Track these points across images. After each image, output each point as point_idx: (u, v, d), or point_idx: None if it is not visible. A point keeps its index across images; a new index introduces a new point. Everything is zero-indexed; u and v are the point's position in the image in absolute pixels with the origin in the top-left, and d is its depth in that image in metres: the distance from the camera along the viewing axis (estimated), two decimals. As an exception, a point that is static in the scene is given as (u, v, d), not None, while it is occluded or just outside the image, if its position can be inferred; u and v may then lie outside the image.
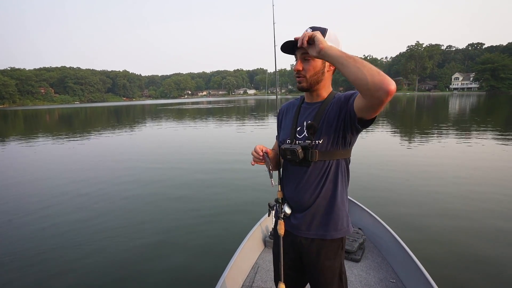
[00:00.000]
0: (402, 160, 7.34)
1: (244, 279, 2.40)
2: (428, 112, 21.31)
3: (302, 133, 1.26)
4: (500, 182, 5.31)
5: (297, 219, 1.28)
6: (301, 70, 1.18)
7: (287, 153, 1.22)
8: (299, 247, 1.31)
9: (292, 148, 1.20)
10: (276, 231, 1.30)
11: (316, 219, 1.26)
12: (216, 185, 5.74)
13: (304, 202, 1.26)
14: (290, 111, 1.37)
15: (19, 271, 3.06)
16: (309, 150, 1.19)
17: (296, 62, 1.19)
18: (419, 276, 2.05)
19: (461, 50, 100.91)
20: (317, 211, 1.25)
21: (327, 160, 1.22)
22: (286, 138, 1.31)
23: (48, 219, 4.34)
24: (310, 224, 1.26)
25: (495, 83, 68.17)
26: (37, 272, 3.03)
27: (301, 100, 1.35)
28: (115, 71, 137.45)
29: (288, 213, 1.29)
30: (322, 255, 1.26)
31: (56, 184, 6.16)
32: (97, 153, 9.73)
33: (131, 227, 4.04)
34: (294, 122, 1.30)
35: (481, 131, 11.39)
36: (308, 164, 1.22)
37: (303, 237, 1.28)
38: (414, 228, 3.66)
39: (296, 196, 1.27)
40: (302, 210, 1.27)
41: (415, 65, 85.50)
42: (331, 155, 1.21)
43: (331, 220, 1.25)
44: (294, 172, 1.27)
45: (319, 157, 1.20)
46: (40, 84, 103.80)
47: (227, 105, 43.99)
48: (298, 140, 1.26)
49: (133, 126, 18.78)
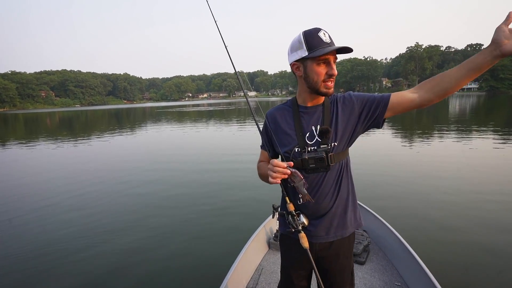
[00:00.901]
0: (406, 160, 7.32)
1: (248, 281, 2.39)
2: (429, 113, 21.30)
3: (313, 139, 1.21)
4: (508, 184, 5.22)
5: (315, 226, 1.24)
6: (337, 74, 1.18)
7: (310, 162, 1.18)
8: (317, 253, 1.27)
9: (318, 157, 1.17)
10: (293, 248, 1.27)
11: (335, 221, 1.25)
12: (219, 187, 5.73)
13: (323, 208, 1.23)
14: (284, 118, 1.28)
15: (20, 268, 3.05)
16: (328, 155, 1.18)
17: (331, 66, 1.15)
18: (425, 280, 2.02)
19: (460, 51, 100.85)
20: (335, 213, 1.24)
21: (341, 161, 1.23)
22: (293, 147, 1.23)
23: (47, 219, 4.34)
24: (329, 228, 1.25)
25: (494, 83, 68.22)
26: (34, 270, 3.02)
27: (293, 104, 1.28)
28: (116, 74, 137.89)
29: (306, 224, 1.24)
30: (341, 255, 1.28)
31: (57, 185, 6.15)
32: (100, 154, 9.73)
33: (134, 228, 4.05)
34: (298, 129, 1.23)
35: (482, 132, 11.36)
36: (327, 169, 1.20)
37: (322, 243, 1.26)
38: (420, 230, 3.61)
39: (315, 203, 1.22)
40: (320, 216, 1.24)
41: (415, 66, 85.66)
42: (343, 155, 1.23)
43: (348, 219, 1.26)
44: (310, 180, 1.21)
45: (336, 159, 1.20)
46: (40, 87, 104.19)
47: (228, 107, 43.98)
48: (310, 146, 1.20)
49: (134, 128, 18.81)
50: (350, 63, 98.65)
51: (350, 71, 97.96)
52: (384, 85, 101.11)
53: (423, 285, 2.05)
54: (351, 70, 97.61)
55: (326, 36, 1.12)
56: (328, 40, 1.12)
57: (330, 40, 1.12)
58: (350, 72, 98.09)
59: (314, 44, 1.11)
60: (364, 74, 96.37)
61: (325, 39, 1.11)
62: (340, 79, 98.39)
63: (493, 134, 10.61)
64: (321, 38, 1.11)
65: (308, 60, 1.14)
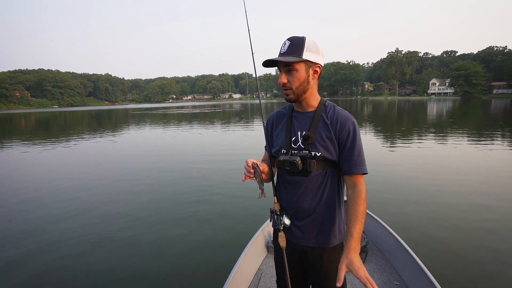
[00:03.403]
0: (401, 161, 7.45)
1: (248, 285, 2.38)
2: (417, 115, 22.11)
3: (297, 143, 1.24)
4: (507, 185, 5.35)
5: (297, 227, 1.28)
6: (286, 82, 1.18)
7: (285, 165, 1.22)
8: (301, 254, 1.31)
9: (291, 160, 1.20)
10: (278, 244, 1.29)
11: (316, 227, 1.26)
12: (217, 190, 5.64)
13: (303, 210, 1.25)
14: (280, 121, 1.35)
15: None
16: (307, 160, 1.19)
17: (280, 75, 1.18)
18: (423, 279, 2.05)
19: (437, 57, 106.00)
20: (316, 219, 1.25)
21: (325, 170, 1.22)
22: (280, 148, 1.28)
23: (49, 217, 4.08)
24: (310, 233, 1.26)
25: (468, 88, 72.05)
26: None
27: (290, 109, 1.33)
28: (97, 74, 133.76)
29: (288, 224, 1.28)
30: (325, 259, 1.28)
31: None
32: (84, 157, 9.32)
33: (133, 232, 3.95)
34: (288, 132, 1.28)
35: (469, 134, 11.90)
36: (306, 174, 1.22)
37: (303, 246, 1.29)
38: (417, 230, 3.66)
39: (295, 205, 1.26)
40: (301, 219, 1.27)
41: (395, 71, 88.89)
42: (329, 165, 1.22)
43: (331, 228, 1.26)
44: (292, 181, 1.26)
45: (317, 167, 1.20)
46: (14, 87, 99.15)
47: (215, 110, 43.65)
48: (294, 150, 1.24)
49: (116, 131, 18.20)
50: (334, 67, 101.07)
51: (333, 74, 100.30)
52: (366, 88, 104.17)
53: (422, 284, 2.06)
54: (335, 73, 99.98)
55: (284, 46, 1.16)
56: (284, 50, 1.15)
57: (286, 50, 1.14)
58: (334, 75, 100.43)
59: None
60: (347, 77, 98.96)
61: (282, 49, 1.16)
62: (324, 82, 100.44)
63: (482, 137, 11.04)
64: (281, 48, 1.17)
65: None
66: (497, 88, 75.31)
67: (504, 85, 73.85)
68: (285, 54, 1.15)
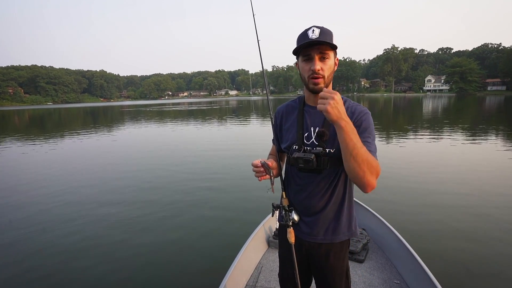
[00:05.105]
0: (404, 159, 7.43)
1: (248, 279, 2.40)
2: (417, 112, 22.22)
3: (310, 139, 1.21)
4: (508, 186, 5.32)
5: (305, 223, 1.27)
6: (320, 70, 1.11)
7: (299, 162, 1.18)
8: (307, 250, 1.31)
9: (306, 158, 1.15)
10: (286, 240, 1.25)
11: (325, 225, 1.25)
12: (218, 185, 5.68)
13: (313, 207, 1.24)
14: (290, 115, 1.30)
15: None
16: (321, 158, 1.17)
17: (314, 61, 1.11)
18: (423, 277, 2.04)
19: (433, 54, 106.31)
20: (326, 216, 1.24)
21: (338, 168, 1.19)
22: (292, 144, 1.24)
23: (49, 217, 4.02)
24: (319, 229, 1.26)
25: (463, 85, 72.61)
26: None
27: (300, 102, 1.29)
28: (92, 71, 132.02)
29: (297, 220, 1.27)
30: (331, 256, 1.27)
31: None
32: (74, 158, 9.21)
33: (133, 226, 4.00)
34: (299, 127, 1.23)
35: (470, 131, 11.95)
36: (319, 171, 1.19)
37: (311, 242, 1.28)
38: (418, 229, 3.66)
39: (305, 201, 1.25)
40: (310, 215, 1.26)
41: (391, 68, 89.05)
42: (342, 164, 1.16)
43: (339, 225, 1.26)
44: (303, 178, 1.24)
45: (331, 165, 1.18)
46: (7, 83, 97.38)
47: (212, 106, 43.40)
48: (306, 146, 1.21)
49: (112, 128, 18.02)
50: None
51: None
52: (362, 85, 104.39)
53: (422, 282, 2.06)
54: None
55: (314, 33, 1.08)
56: (316, 36, 1.07)
57: (318, 36, 1.07)
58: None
59: (299, 40, 1.12)
60: (343, 74, 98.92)
61: (312, 35, 1.07)
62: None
63: (484, 135, 10.93)
64: (308, 35, 1.09)
65: (298, 58, 1.16)
66: (491, 85, 75.94)
67: (498, 82, 74.48)
68: (319, 39, 1.07)
